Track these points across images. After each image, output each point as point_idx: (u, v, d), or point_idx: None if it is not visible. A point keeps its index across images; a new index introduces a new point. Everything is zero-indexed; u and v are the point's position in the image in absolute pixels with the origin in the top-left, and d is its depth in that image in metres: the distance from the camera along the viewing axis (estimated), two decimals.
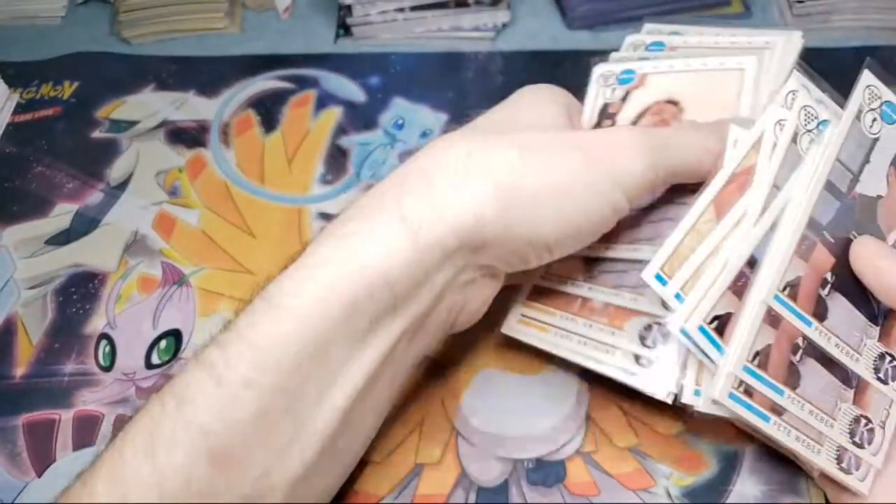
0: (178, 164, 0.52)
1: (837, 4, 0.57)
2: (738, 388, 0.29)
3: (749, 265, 0.30)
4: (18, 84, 0.57)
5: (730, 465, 0.36)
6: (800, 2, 0.57)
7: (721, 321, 0.29)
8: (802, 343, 0.30)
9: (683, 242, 0.30)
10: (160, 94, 0.56)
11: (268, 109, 0.54)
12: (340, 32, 0.60)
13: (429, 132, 0.53)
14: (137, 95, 0.56)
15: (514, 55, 0.58)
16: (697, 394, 0.30)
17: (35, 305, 0.45)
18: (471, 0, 0.58)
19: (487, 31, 0.59)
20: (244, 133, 0.53)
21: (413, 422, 0.39)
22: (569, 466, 0.37)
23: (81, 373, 0.42)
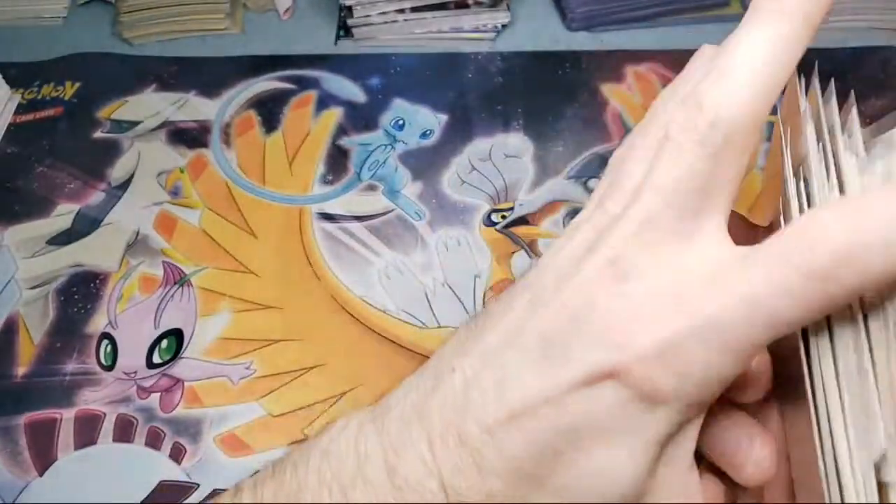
0: (180, 165, 0.52)
1: (837, 4, 0.57)
2: None
3: None
4: (20, 84, 0.57)
5: None
6: None
7: None
8: None
9: None
10: (161, 95, 0.56)
11: (269, 110, 0.55)
12: (341, 33, 0.60)
13: (429, 132, 0.53)
14: (139, 96, 0.56)
15: (514, 56, 0.58)
16: None
17: (36, 305, 0.45)
18: (471, 1, 0.58)
19: (487, 32, 0.59)
20: (245, 133, 0.53)
21: None
22: None
23: (83, 372, 0.42)
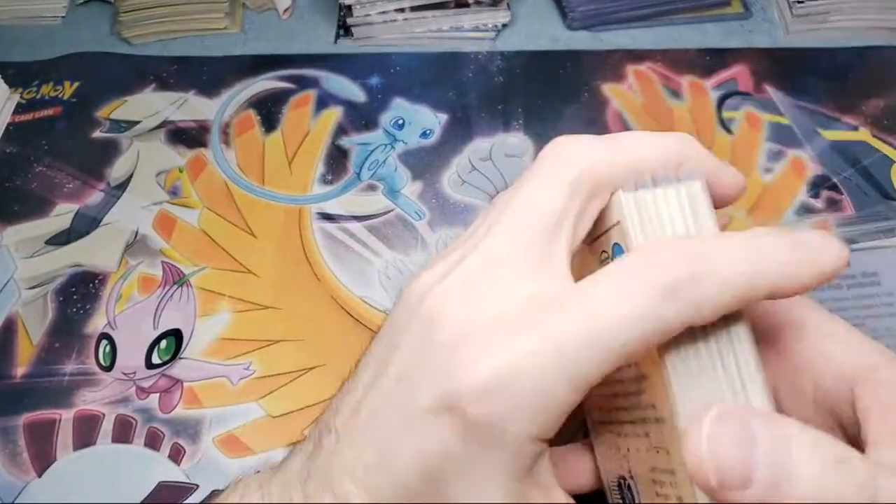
0: (179, 164, 0.52)
1: (837, 4, 0.57)
2: None
3: None
4: (19, 84, 0.57)
5: None
6: (799, 2, 0.57)
7: None
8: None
9: None
10: (161, 94, 0.56)
11: (268, 109, 0.55)
12: (340, 33, 0.60)
13: (429, 132, 0.53)
14: (138, 95, 0.56)
15: (514, 55, 0.58)
16: None
17: (35, 305, 0.45)
18: (471, 0, 0.58)
19: (487, 32, 0.59)
20: (244, 133, 0.53)
21: None
22: None
23: (82, 372, 0.42)
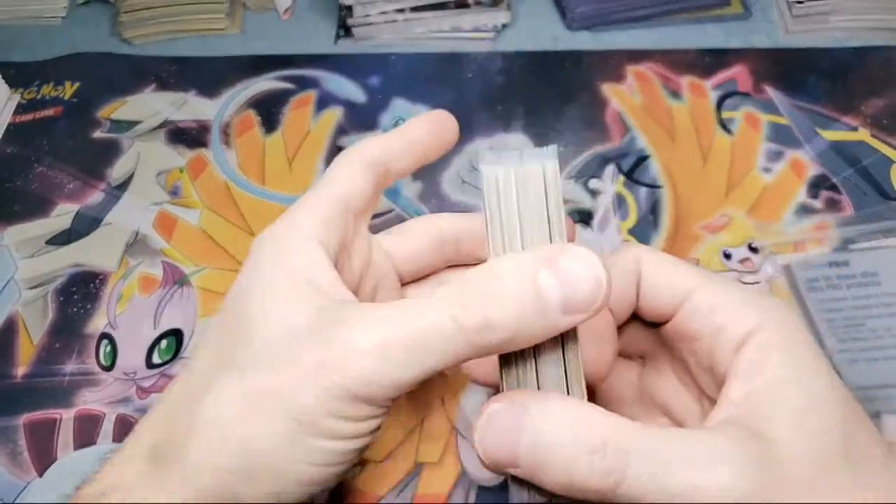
0: (179, 165, 0.52)
1: (837, 4, 0.57)
2: None
3: None
4: (20, 84, 0.57)
5: None
6: (799, 2, 0.57)
7: None
8: None
9: None
10: (161, 95, 0.56)
11: (268, 110, 0.55)
12: (341, 33, 0.60)
13: None
14: (138, 96, 0.56)
15: (514, 56, 0.58)
16: None
17: (36, 305, 0.45)
18: (471, 1, 0.58)
19: (487, 32, 0.59)
20: (245, 133, 0.53)
21: (413, 421, 0.39)
22: None
23: (82, 372, 0.42)
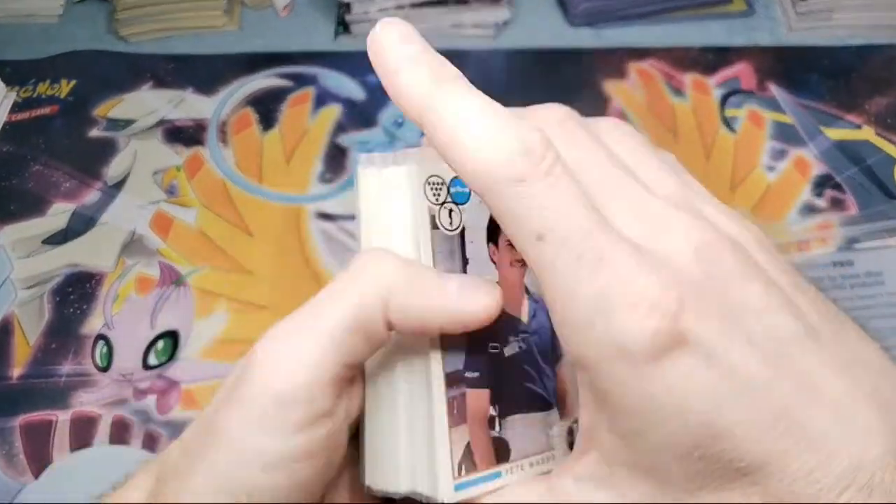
0: (176, 163, 0.51)
1: (840, 2, 0.57)
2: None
3: (450, 385, 0.26)
4: (16, 82, 0.56)
5: None
6: (802, 0, 0.57)
7: (467, 456, 0.26)
8: (495, 410, 0.27)
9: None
10: (158, 93, 0.56)
11: (266, 107, 0.54)
12: (339, 30, 0.59)
13: None
14: (135, 93, 0.55)
15: (516, 53, 0.57)
16: None
17: (32, 305, 0.45)
18: None
19: (488, 29, 0.59)
20: (242, 131, 0.53)
21: None
22: None
23: (78, 373, 0.42)
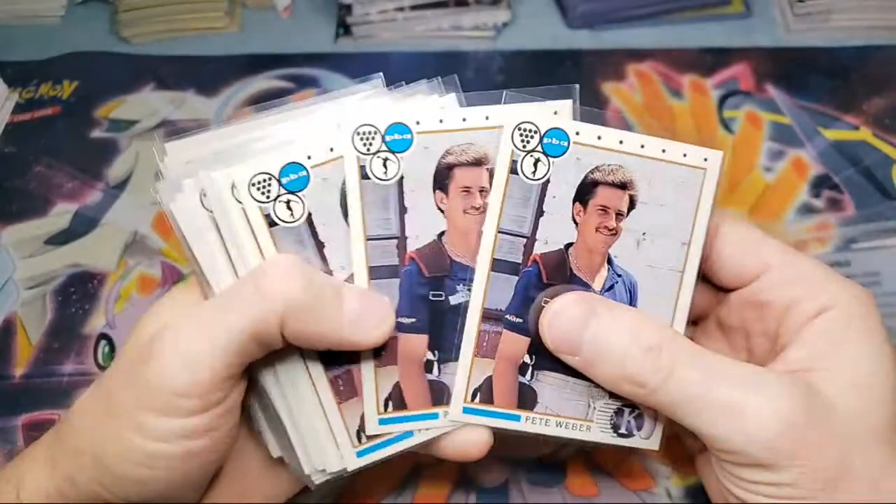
0: None
1: (838, 3, 0.57)
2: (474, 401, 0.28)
3: (487, 320, 0.27)
4: (18, 83, 0.57)
5: None
6: (800, 1, 0.57)
7: (484, 387, 0.28)
8: (531, 360, 0.28)
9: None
10: (159, 94, 0.56)
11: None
12: (340, 31, 0.60)
13: None
14: (137, 95, 0.56)
15: (515, 54, 0.57)
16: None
17: (34, 305, 0.45)
18: None
19: (487, 31, 0.59)
20: None
21: None
22: (569, 467, 0.37)
23: (81, 373, 0.42)
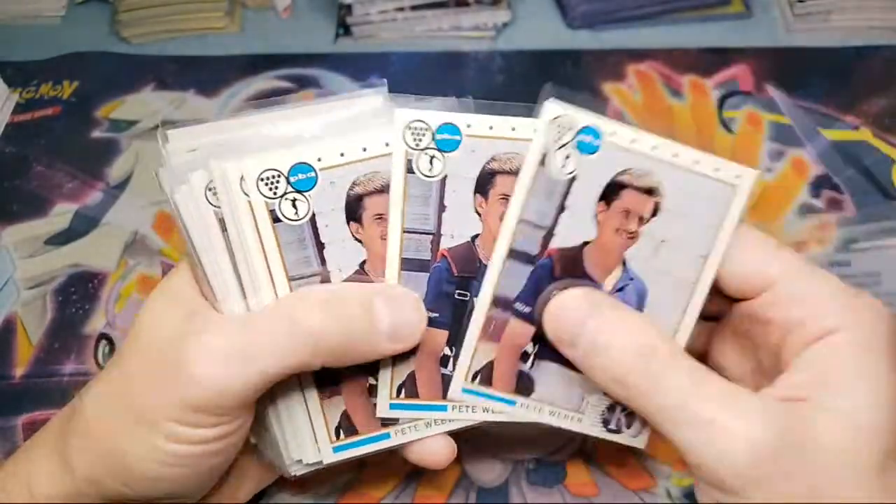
0: None
1: (838, 4, 0.57)
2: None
3: (497, 306, 0.28)
4: (18, 84, 0.57)
5: None
6: (800, 1, 0.57)
7: (485, 371, 0.29)
8: (533, 349, 0.29)
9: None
10: (160, 94, 0.56)
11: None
12: (340, 31, 0.60)
13: None
14: (137, 95, 0.56)
15: (515, 54, 0.57)
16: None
17: (35, 305, 0.45)
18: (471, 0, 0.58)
19: (487, 31, 0.59)
20: None
21: None
22: (569, 467, 0.37)
23: (81, 373, 0.42)
